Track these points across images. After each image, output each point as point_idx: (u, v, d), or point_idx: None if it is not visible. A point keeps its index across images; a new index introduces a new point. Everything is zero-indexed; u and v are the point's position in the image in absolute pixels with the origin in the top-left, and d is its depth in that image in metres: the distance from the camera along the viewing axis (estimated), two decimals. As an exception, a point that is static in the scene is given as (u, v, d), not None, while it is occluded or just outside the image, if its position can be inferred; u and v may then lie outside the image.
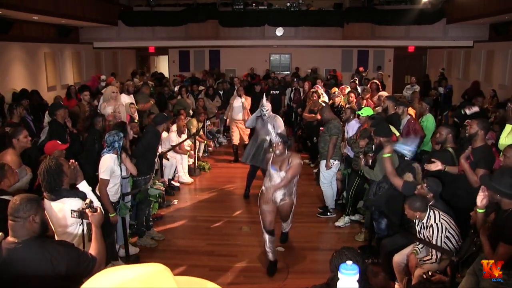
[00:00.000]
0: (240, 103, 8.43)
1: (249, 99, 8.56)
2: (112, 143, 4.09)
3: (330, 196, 5.86)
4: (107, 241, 3.51)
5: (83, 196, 2.92)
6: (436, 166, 4.04)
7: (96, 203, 2.78)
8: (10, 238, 2.19)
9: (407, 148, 4.20)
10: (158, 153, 5.35)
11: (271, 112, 6.20)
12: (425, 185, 3.78)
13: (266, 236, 4.40)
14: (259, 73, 15.17)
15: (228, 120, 8.89)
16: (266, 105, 6.14)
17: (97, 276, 1.29)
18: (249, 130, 8.10)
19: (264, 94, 7.16)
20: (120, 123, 4.94)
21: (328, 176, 5.77)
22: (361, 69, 13.42)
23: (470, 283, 2.95)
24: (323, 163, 5.79)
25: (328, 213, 5.84)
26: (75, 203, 2.81)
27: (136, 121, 6.82)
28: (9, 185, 3.32)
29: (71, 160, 3.03)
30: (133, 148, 5.13)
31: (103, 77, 10.99)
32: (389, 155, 4.12)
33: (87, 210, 2.54)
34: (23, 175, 4.05)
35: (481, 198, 3.17)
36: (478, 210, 3.22)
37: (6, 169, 3.27)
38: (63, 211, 2.80)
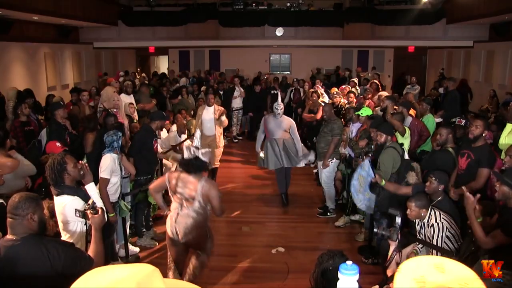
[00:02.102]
0: (211, 115, 6.75)
1: (221, 109, 7.00)
2: (111, 143, 4.12)
3: (332, 196, 5.85)
4: (107, 241, 3.52)
5: (83, 196, 2.94)
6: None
7: (99, 205, 2.79)
8: (8, 236, 2.21)
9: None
10: (156, 151, 5.27)
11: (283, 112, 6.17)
12: (433, 178, 3.76)
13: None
14: (255, 74, 15.06)
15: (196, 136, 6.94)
16: (280, 104, 6.12)
17: (87, 276, 1.29)
18: (221, 151, 7.04)
19: (279, 94, 7.04)
20: (118, 124, 4.95)
21: (330, 175, 5.77)
22: (359, 69, 13.43)
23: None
24: (321, 163, 5.79)
25: (328, 213, 5.84)
26: (73, 202, 2.84)
27: (135, 121, 6.82)
28: None
29: (80, 161, 3.06)
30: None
31: (121, 73, 11.58)
32: (383, 183, 4.22)
33: (88, 212, 2.55)
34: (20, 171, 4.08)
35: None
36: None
37: None
38: (61, 207, 2.86)
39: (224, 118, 6.97)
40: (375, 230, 3.13)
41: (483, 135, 4.01)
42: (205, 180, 3.39)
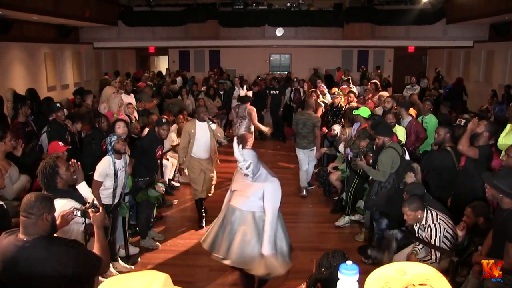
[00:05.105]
0: (207, 134, 5.30)
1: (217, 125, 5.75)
2: (107, 144, 4.09)
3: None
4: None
5: (77, 197, 2.93)
6: None
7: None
8: (20, 235, 2.19)
9: None
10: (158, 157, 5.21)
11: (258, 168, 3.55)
12: (405, 192, 3.85)
13: None
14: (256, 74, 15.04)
15: (182, 157, 5.47)
16: (246, 155, 3.49)
17: (107, 285, 1.30)
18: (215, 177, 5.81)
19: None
20: (112, 123, 4.89)
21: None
22: (364, 68, 13.51)
23: (473, 284, 2.95)
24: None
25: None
26: (68, 204, 2.80)
27: (134, 121, 6.82)
28: None
29: (71, 160, 3.03)
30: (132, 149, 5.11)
31: (147, 72, 12.23)
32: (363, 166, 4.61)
33: (89, 210, 2.54)
34: (15, 177, 4.06)
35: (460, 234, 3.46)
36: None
37: None
38: (56, 211, 2.80)
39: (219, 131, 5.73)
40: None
41: (484, 135, 4.00)
42: (247, 107, 7.11)
